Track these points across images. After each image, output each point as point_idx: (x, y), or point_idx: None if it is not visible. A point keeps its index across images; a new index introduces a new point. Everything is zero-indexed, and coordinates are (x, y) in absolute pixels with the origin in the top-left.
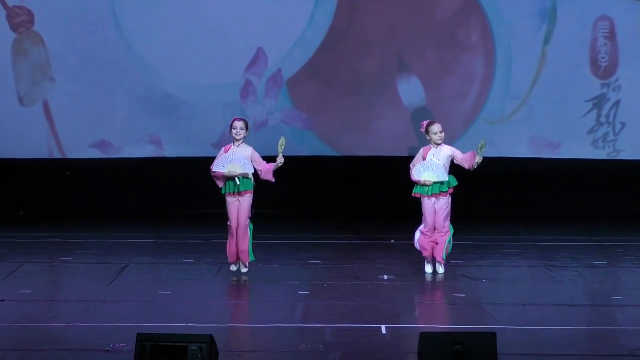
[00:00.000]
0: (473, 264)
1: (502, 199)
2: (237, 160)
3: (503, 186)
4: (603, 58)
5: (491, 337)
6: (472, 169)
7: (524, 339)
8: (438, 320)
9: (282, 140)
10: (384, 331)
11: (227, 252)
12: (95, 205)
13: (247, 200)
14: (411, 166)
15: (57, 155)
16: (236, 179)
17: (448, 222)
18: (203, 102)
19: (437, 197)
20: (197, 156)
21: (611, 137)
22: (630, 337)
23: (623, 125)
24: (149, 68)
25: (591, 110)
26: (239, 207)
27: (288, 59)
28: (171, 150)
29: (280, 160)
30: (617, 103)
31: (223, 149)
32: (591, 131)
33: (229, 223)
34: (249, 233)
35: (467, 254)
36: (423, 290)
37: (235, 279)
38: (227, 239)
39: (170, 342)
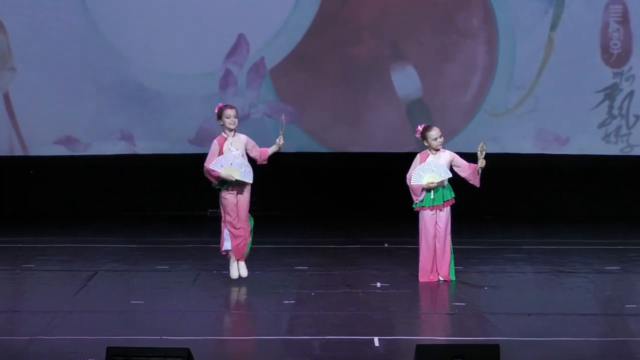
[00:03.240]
0: (474, 270)
1: (506, 198)
2: (239, 165)
3: (506, 184)
4: (615, 45)
5: (494, 349)
6: (472, 180)
7: (530, 351)
8: (436, 331)
9: (283, 117)
10: (376, 343)
11: (233, 250)
12: (61, 207)
13: (246, 190)
14: (407, 177)
15: (18, 152)
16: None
17: (449, 236)
18: (178, 93)
19: (438, 209)
20: (172, 153)
21: (624, 130)
22: None
23: (637, 118)
24: (120, 56)
25: (602, 101)
26: (239, 198)
27: (271, 46)
28: (144, 146)
29: (281, 141)
30: (631, 94)
31: (216, 142)
32: (602, 124)
33: (225, 219)
34: (250, 227)
35: (467, 259)
36: (419, 298)
37: (236, 289)
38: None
39: (143, 357)
